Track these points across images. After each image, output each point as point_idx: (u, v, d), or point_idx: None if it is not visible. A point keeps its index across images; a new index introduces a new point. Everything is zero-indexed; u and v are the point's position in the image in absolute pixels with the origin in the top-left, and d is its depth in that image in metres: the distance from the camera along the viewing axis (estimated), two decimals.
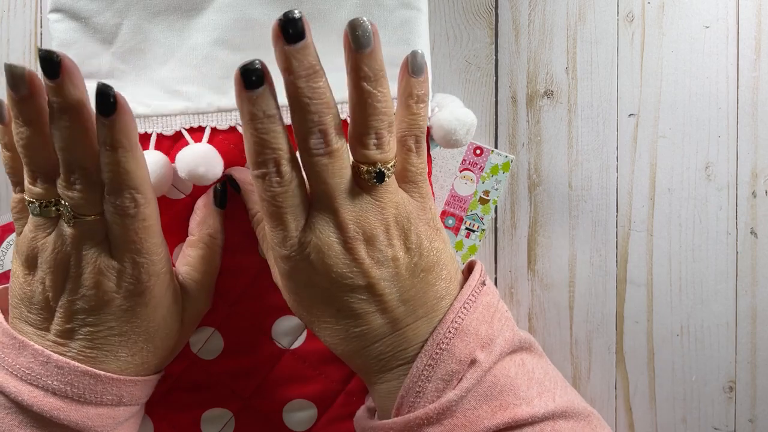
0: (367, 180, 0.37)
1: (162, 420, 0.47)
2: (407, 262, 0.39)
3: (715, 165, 0.50)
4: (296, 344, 0.47)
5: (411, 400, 0.38)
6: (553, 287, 0.51)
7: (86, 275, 0.38)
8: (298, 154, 0.38)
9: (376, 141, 0.37)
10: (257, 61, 0.35)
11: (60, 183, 0.37)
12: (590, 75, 0.50)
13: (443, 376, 0.38)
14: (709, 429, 0.51)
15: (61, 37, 0.44)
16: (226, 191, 0.44)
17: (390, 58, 0.44)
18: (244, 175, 0.44)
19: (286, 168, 0.36)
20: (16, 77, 0.35)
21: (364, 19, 0.36)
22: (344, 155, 0.37)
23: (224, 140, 0.44)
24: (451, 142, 0.45)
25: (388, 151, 0.38)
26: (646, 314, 0.51)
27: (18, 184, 0.41)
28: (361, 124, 0.37)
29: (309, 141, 0.36)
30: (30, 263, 0.39)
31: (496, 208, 0.50)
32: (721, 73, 0.50)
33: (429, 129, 0.45)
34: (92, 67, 0.44)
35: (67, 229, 0.38)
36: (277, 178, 0.36)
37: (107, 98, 0.35)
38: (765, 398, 0.51)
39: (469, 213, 0.50)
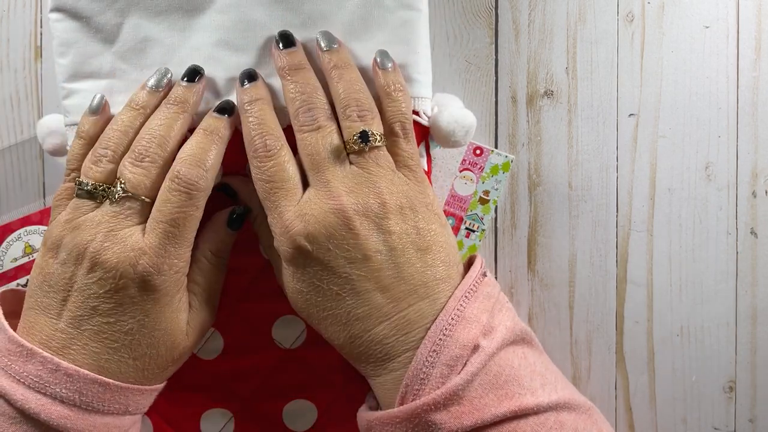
0: (354, 145, 0.40)
1: (162, 420, 0.47)
2: (404, 238, 0.39)
3: (715, 165, 0.50)
4: (296, 344, 0.47)
5: (416, 387, 0.38)
6: (553, 287, 0.51)
7: (108, 255, 0.39)
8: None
9: (358, 111, 0.41)
10: (253, 71, 0.43)
11: (126, 161, 0.40)
12: (590, 75, 0.50)
13: (447, 362, 0.38)
14: (709, 429, 0.51)
15: (61, 36, 0.43)
16: (244, 217, 0.45)
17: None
18: (242, 182, 0.45)
19: (276, 144, 0.40)
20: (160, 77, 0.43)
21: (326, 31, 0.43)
22: (334, 133, 0.41)
23: None
24: (450, 143, 0.45)
25: (371, 123, 0.41)
26: (646, 314, 0.51)
27: (73, 171, 0.42)
28: (340, 100, 0.41)
29: (299, 118, 0.41)
30: (55, 246, 0.40)
31: (496, 208, 0.50)
32: (721, 73, 0.50)
33: (428, 130, 0.45)
34: (93, 67, 0.44)
35: (108, 208, 0.40)
36: (264, 153, 0.40)
37: (229, 104, 0.43)
38: (765, 398, 0.51)
39: (469, 213, 0.50)
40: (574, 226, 0.50)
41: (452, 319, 0.39)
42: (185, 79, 0.42)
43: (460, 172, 0.50)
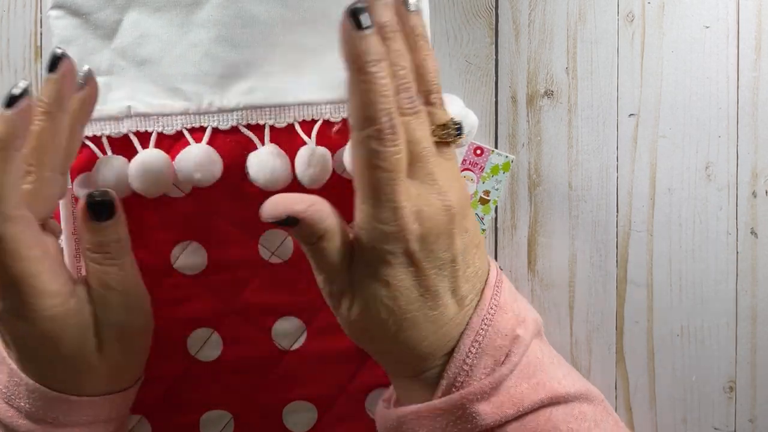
0: (447, 136, 0.37)
1: (160, 422, 0.47)
2: (471, 233, 0.38)
3: (715, 165, 0.50)
4: (296, 345, 0.47)
5: (460, 379, 0.37)
6: (553, 287, 0.51)
7: None
8: None
9: (439, 100, 0.37)
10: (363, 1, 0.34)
11: None
12: (590, 75, 0.50)
13: (491, 352, 0.37)
14: (709, 429, 0.51)
15: (61, 33, 0.44)
16: (107, 204, 0.39)
17: None
18: (300, 203, 0.37)
19: (398, 122, 0.34)
20: None
21: None
22: (427, 119, 0.37)
23: (226, 139, 0.44)
24: None
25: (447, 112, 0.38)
26: (646, 314, 0.51)
27: None
28: (425, 84, 0.37)
29: (401, 98, 0.35)
30: None
31: (496, 208, 0.50)
32: (721, 73, 0.50)
33: None
34: (92, 64, 0.44)
35: None
36: (392, 135, 0.34)
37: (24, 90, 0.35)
38: (765, 398, 0.51)
39: None
40: (574, 226, 0.50)
41: (491, 308, 0.38)
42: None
43: (461, 172, 0.50)
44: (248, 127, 0.44)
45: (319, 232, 0.36)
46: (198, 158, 0.43)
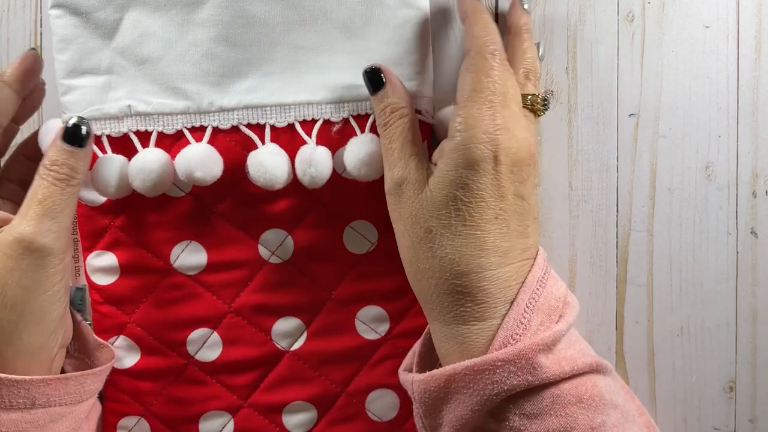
0: (532, 104, 0.43)
1: (159, 422, 0.47)
2: (534, 201, 0.41)
3: (715, 165, 0.50)
4: (296, 345, 0.47)
5: (519, 332, 0.38)
6: None
7: None
8: None
9: (534, 78, 0.44)
10: None
11: None
12: (590, 75, 0.50)
13: (546, 311, 0.38)
14: (710, 429, 0.51)
15: (61, 33, 0.43)
16: (81, 129, 0.41)
17: (392, 57, 0.44)
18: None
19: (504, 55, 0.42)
20: None
21: None
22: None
23: (226, 138, 0.44)
24: None
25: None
26: (646, 314, 0.51)
27: None
28: (528, 62, 0.44)
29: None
30: None
31: None
32: (722, 73, 0.50)
33: (432, 127, 0.45)
34: (92, 63, 0.44)
35: None
36: (503, 59, 0.41)
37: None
38: (765, 398, 0.51)
39: None
40: (574, 226, 0.50)
41: (545, 273, 0.40)
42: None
43: None
44: (248, 126, 0.44)
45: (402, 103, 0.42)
46: (198, 158, 0.43)
